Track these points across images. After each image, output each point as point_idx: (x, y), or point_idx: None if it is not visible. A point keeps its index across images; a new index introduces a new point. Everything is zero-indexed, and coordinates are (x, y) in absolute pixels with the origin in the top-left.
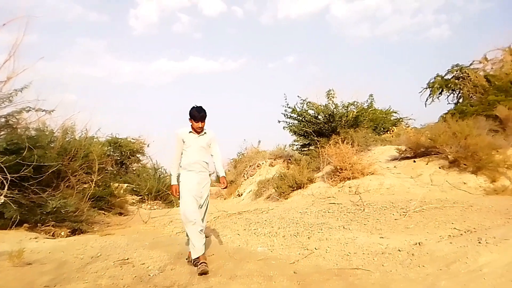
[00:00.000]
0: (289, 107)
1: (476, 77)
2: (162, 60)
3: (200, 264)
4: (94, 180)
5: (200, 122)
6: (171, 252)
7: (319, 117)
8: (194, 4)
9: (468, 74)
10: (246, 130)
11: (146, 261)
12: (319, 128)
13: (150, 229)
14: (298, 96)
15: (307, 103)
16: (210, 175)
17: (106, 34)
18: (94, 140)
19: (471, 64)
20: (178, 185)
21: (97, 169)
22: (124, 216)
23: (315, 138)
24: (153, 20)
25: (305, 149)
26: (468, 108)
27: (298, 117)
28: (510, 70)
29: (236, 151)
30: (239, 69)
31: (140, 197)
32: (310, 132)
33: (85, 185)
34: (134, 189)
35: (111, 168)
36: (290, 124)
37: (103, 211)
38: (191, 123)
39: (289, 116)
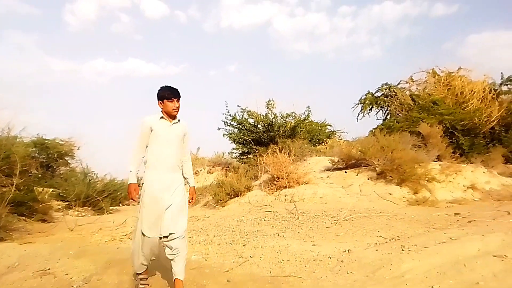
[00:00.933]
0: (230, 115)
1: (403, 96)
2: (99, 59)
3: (140, 282)
4: (15, 183)
5: (176, 101)
6: (98, 262)
7: (259, 126)
8: (136, 5)
9: (395, 92)
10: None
11: (69, 271)
12: (258, 137)
13: (76, 237)
14: (238, 105)
15: (247, 112)
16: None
17: (38, 28)
18: (17, 140)
19: (398, 84)
20: (139, 186)
21: (18, 171)
22: (47, 223)
23: (254, 147)
24: (91, 17)
25: (244, 157)
26: (394, 124)
27: (238, 125)
28: (432, 91)
29: None
30: (181, 74)
31: (67, 203)
32: (249, 140)
33: (5, 189)
34: (61, 194)
35: (36, 171)
36: (230, 132)
37: (24, 217)
38: (161, 107)
39: (229, 124)
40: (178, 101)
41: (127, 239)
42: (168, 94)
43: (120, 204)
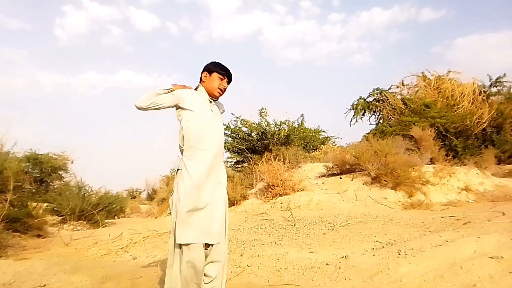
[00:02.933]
0: (223, 124)
1: (394, 100)
2: (91, 72)
3: None
4: (9, 199)
5: (226, 81)
6: (95, 276)
7: (253, 134)
8: (127, 18)
9: (387, 97)
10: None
11: (65, 287)
12: (252, 145)
13: (72, 252)
14: (232, 114)
15: (240, 121)
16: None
17: (28, 43)
18: (10, 155)
19: (389, 88)
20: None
21: (12, 187)
22: (42, 238)
23: (248, 155)
24: (82, 30)
25: (239, 166)
26: (387, 128)
27: (232, 134)
28: (423, 95)
29: (168, 168)
30: None
31: (61, 217)
32: (244, 149)
33: None
34: (55, 208)
35: (29, 186)
36: (224, 141)
37: (18, 233)
38: (204, 81)
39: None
40: (228, 83)
41: (123, 252)
42: (220, 69)
43: (116, 217)
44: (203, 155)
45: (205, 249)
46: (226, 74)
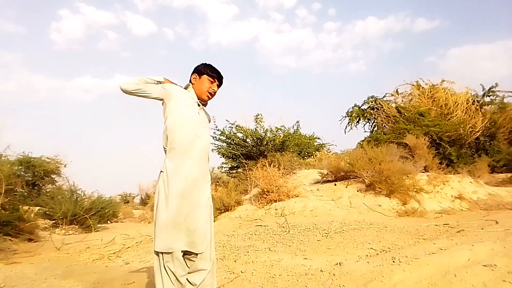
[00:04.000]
0: (218, 130)
1: (389, 108)
2: (86, 77)
3: None
4: (0, 202)
5: (216, 85)
6: (87, 281)
7: (248, 140)
8: (123, 22)
9: (381, 105)
10: None
11: None
12: (248, 151)
13: (63, 257)
14: (227, 120)
15: (235, 127)
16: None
17: (23, 47)
18: (2, 158)
19: (384, 96)
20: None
21: (4, 190)
22: (34, 242)
23: (243, 161)
24: (78, 35)
25: (234, 171)
26: (381, 136)
27: (227, 140)
28: (417, 103)
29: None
30: None
31: (53, 221)
32: (239, 154)
33: None
34: (47, 212)
35: (21, 190)
36: (219, 147)
37: (9, 237)
38: (193, 83)
39: (218, 139)
40: (218, 87)
41: (115, 257)
42: (211, 71)
43: (108, 222)
44: (186, 159)
45: (189, 256)
46: (216, 77)
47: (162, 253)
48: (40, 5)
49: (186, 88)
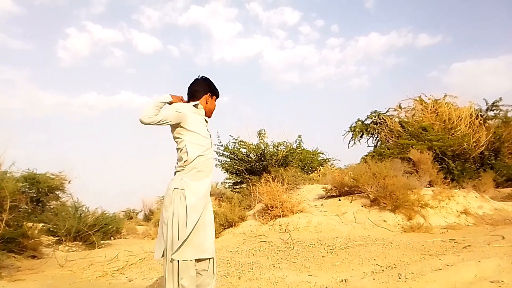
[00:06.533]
0: (222, 145)
1: (392, 123)
2: (92, 93)
3: None
4: (5, 219)
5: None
6: None
7: (251, 155)
8: (129, 40)
9: (384, 120)
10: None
11: None
12: (251, 167)
13: (67, 274)
14: (230, 135)
15: (239, 142)
16: None
17: (30, 63)
18: (7, 175)
19: (387, 111)
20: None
21: (8, 207)
22: (37, 259)
23: (247, 176)
24: (84, 52)
25: (237, 187)
26: (385, 151)
27: (231, 155)
28: (420, 118)
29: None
30: None
31: (57, 238)
32: (242, 170)
33: None
34: (51, 229)
35: (26, 206)
36: (223, 162)
37: (13, 254)
38: (205, 103)
39: (221, 154)
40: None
41: (119, 274)
42: (217, 91)
43: (112, 238)
44: (204, 176)
45: (199, 270)
46: (217, 94)
47: (178, 263)
48: (48, 23)
49: (195, 106)
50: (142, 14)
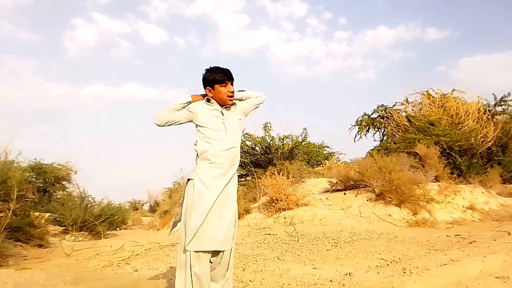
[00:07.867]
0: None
1: (399, 117)
2: (98, 84)
3: None
4: (12, 208)
5: (229, 84)
6: None
7: (256, 148)
8: (136, 31)
9: (391, 114)
10: (183, 158)
11: None
12: (256, 159)
13: (73, 263)
14: None
15: (245, 135)
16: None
17: (37, 54)
18: (14, 165)
19: (394, 105)
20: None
21: (15, 196)
22: (44, 248)
23: (252, 169)
24: (91, 43)
25: (242, 179)
26: (391, 145)
27: None
28: (427, 112)
29: (171, 180)
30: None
31: (63, 227)
32: (248, 162)
33: (1, 214)
34: (57, 219)
35: (33, 196)
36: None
37: (20, 243)
38: (211, 95)
39: None
40: (232, 84)
41: (124, 264)
42: (220, 76)
43: (118, 229)
44: (215, 167)
45: (213, 263)
46: (226, 78)
47: (190, 254)
48: (55, 13)
49: (208, 101)
50: (149, 5)
